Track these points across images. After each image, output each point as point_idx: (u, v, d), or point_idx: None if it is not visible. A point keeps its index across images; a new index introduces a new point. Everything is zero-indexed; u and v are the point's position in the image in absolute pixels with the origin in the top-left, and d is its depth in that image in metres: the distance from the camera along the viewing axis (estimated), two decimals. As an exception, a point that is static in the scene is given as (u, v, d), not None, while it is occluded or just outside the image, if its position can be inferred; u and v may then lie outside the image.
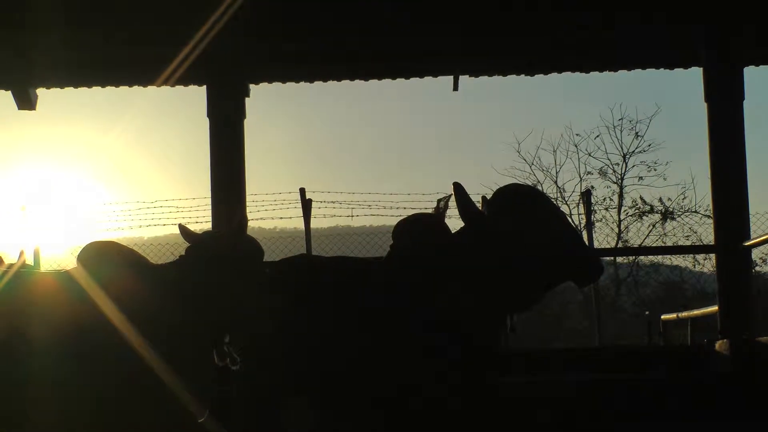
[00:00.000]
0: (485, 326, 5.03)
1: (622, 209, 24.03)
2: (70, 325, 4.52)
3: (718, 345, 7.75)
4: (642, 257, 24.15)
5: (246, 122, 8.80)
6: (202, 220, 13.53)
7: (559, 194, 23.67)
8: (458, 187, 5.01)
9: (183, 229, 4.84)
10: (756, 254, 20.79)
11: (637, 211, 23.77)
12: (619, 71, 9.53)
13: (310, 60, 9.23)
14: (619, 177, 24.29)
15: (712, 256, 13.61)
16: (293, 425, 4.97)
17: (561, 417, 7.04)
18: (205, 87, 8.83)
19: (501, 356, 5.38)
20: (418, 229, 5.20)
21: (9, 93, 9.37)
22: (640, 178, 24.00)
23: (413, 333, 4.95)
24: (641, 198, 23.73)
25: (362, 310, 5.01)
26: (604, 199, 23.86)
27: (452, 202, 5.21)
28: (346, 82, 9.63)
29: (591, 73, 9.56)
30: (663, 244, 23.00)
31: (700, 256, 22.29)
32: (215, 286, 4.66)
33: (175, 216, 14.41)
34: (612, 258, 23.43)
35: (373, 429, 5.03)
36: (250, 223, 5.43)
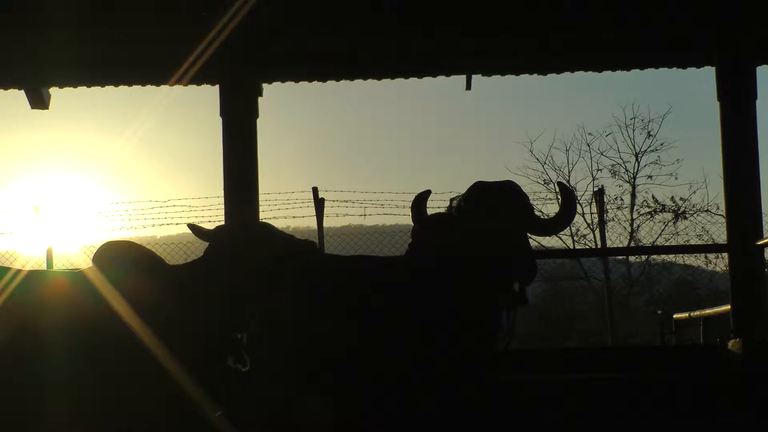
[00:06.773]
0: (473, 324, 5.07)
1: (635, 208, 23.96)
2: (85, 325, 4.54)
3: (730, 344, 7.75)
4: (654, 256, 24.10)
5: (259, 121, 8.80)
6: (214, 219, 13.60)
7: (572, 193, 23.54)
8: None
9: (194, 227, 4.84)
10: (768, 253, 20.71)
11: (649, 210, 23.69)
12: (632, 70, 9.51)
13: (323, 59, 9.23)
14: (632, 176, 24.23)
15: (725, 255, 13.59)
16: (308, 425, 4.98)
17: (572, 416, 7.04)
18: (218, 86, 8.83)
19: (509, 355, 5.38)
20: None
21: (22, 92, 9.39)
22: (650, 176, 23.94)
23: (423, 331, 4.98)
24: (653, 197, 23.67)
25: (385, 310, 5.04)
26: (616, 198, 23.79)
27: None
28: (358, 82, 9.64)
29: (604, 72, 9.54)
30: (675, 243, 22.93)
31: (712, 255, 22.21)
32: (229, 285, 4.68)
33: (188, 215, 14.49)
34: (625, 257, 23.36)
35: (385, 426, 5.05)
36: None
